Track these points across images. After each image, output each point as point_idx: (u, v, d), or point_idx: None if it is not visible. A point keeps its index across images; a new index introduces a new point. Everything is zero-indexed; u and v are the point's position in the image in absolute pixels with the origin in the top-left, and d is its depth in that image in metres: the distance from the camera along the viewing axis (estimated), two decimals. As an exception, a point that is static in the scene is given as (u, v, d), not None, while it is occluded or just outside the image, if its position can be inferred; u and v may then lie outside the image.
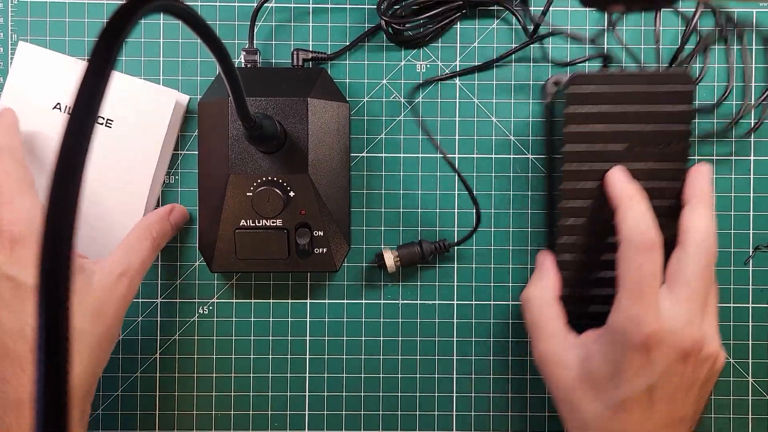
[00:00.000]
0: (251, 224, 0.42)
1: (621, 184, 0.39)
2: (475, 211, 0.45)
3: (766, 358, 0.47)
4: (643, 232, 0.36)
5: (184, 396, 0.47)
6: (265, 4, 0.46)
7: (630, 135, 0.41)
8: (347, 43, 0.46)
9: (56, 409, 0.16)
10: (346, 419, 0.47)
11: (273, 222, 0.42)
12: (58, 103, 0.44)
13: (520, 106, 0.47)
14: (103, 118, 0.44)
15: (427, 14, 0.45)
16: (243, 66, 0.45)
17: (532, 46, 0.46)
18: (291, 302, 0.47)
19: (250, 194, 0.42)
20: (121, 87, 0.44)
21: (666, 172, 0.41)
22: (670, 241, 0.38)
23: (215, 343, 0.47)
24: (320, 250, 0.43)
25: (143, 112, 0.44)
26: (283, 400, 0.47)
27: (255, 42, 0.45)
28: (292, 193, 0.42)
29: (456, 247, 0.47)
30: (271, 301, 0.47)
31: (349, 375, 0.47)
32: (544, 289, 0.41)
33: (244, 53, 0.45)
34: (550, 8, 0.45)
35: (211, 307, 0.47)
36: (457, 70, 0.47)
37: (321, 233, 0.43)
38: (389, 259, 0.45)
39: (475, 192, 0.46)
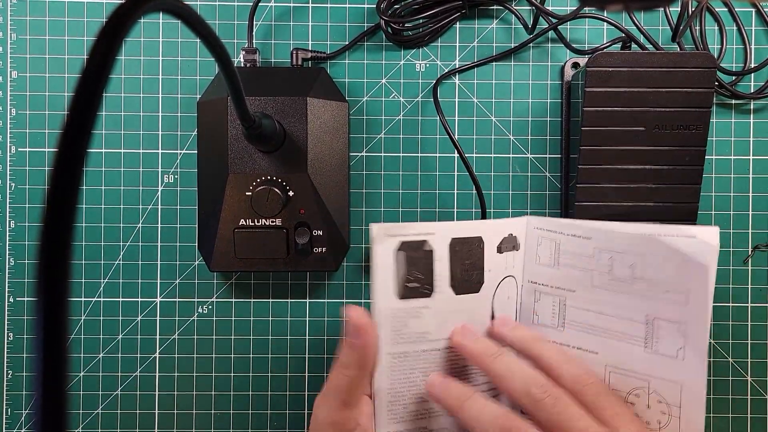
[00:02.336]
0: (250, 223, 0.42)
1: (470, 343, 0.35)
2: (481, 214, 0.45)
3: (765, 357, 0.47)
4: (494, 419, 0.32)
5: (183, 395, 0.47)
6: (265, 4, 0.46)
7: (649, 117, 0.41)
8: (346, 43, 0.46)
9: (55, 411, 0.16)
10: (345, 418, 0.47)
11: (272, 221, 0.42)
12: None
13: (519, 105, 0.47)
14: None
15: (427, 14, 0.45)
16: (242, 65, 0.45)
17: (531, 45, 0.47)
18: (290, 301, 0.47)
19: (250, 193, 0.42)
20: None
21: (684, 156, 0.41)
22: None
23: (214, 343, 0.47)
24: (319, 249, 0.43)
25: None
26: (282, 400, 0.47)
27: (254, 41, 0.45)
28: (291, 193, 0.42)
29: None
30: (270, 300, 0.47)
31: (348, 374, 0.47)
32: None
33: (244, 52, 0.44)
34: (550, 7, 0.45)
35: (210, 307, 0.47)
36: (457, 67, 0.47)
37: (320, 232, 0.43)
38: None
39: (473, 192, 0.46)
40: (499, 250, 0.37)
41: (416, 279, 0.35)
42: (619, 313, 0.37)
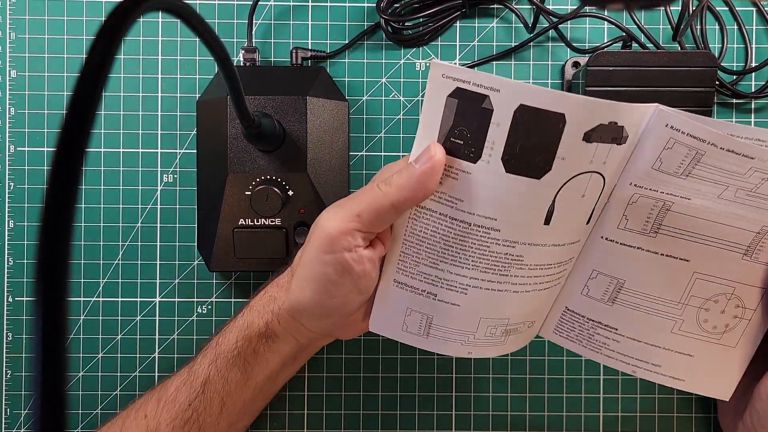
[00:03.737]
0: (250, 223, 0.42)
1: None
2: None
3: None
4: None
5: (182, 395, 0.47)
6: (264, 3, 0.46)
7: None
8: (346, 42, 0.46)
9: (55, 411, 0.16)
10: (345, 418, 0.47)
11: (272, 221, 0.42)
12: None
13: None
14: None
15: (427, 12, 0.45)
16: (242, 64, 0.45)
17: (531, 44, 0.46)
18: (290, 301, 0.47)
19: (249, 193, 0.42)
20: None
21: None
22: None
23: (214, 342, 0.47)
24: (319, 249, 0.43)
25: None
26: (282, 399, 0.47)
27: (254, 40, 0.45)
28: (290, 192, 0.42)
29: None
30: (270, 300, 0.47)
31: (347, 374, 0.47)
32: None
33: (243, 51, 0.44)
34: (550, 6, 0.45)
35: (209, 306, 0.47)
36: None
37: (320, 232, 0.43)
38: None
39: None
40: (588, 138, 0.29)
41: (462, 136, 0.30)
42: (735, 223, 0.34)
